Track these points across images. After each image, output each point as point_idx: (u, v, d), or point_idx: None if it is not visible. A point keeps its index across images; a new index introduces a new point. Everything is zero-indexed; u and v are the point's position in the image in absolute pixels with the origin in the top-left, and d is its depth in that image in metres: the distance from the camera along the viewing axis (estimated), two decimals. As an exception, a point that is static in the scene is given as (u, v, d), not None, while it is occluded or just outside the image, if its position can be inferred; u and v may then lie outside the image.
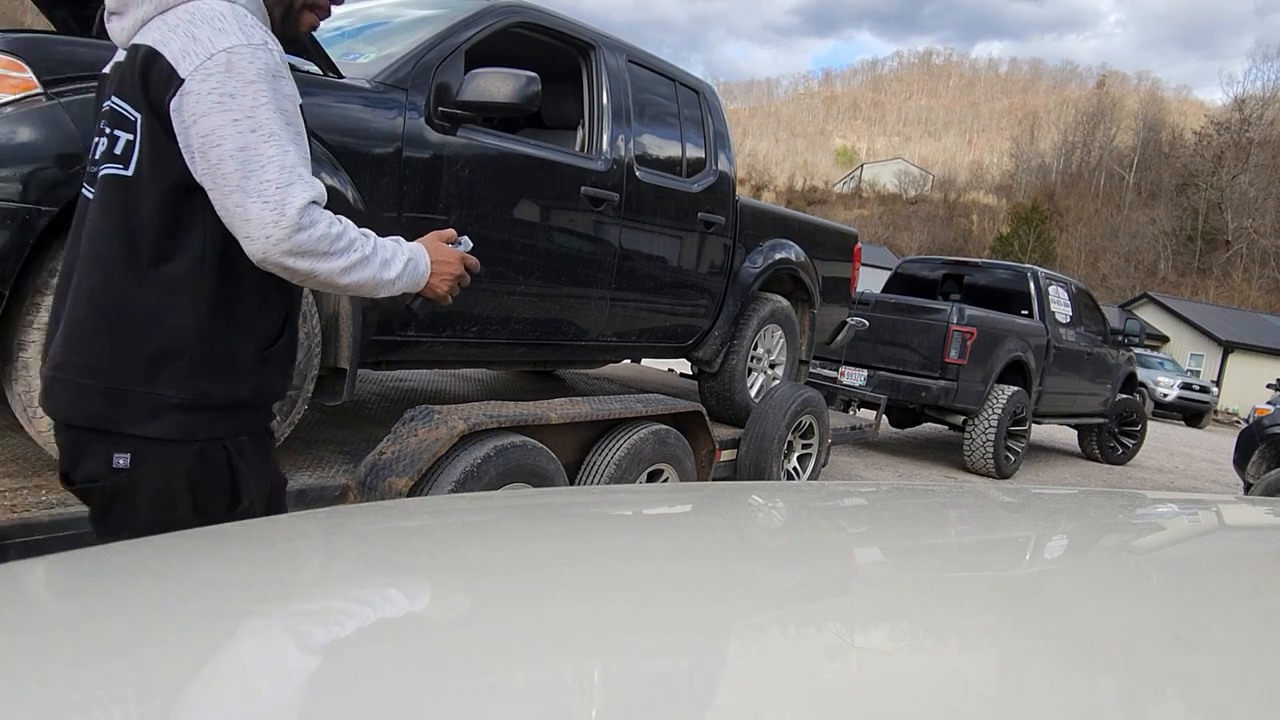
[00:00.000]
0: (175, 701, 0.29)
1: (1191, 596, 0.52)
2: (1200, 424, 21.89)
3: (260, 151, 1.22)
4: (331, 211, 1.33)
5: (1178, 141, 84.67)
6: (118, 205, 1.28)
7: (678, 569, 0.54)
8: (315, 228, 1.25)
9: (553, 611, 0.40)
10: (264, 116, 1.24)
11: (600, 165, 3.61)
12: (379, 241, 1.38)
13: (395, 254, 1.40)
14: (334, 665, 0.33)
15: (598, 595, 0.44)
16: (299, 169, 1.26)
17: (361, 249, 1.32)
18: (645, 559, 0.56)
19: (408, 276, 1.41)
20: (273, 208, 1.22)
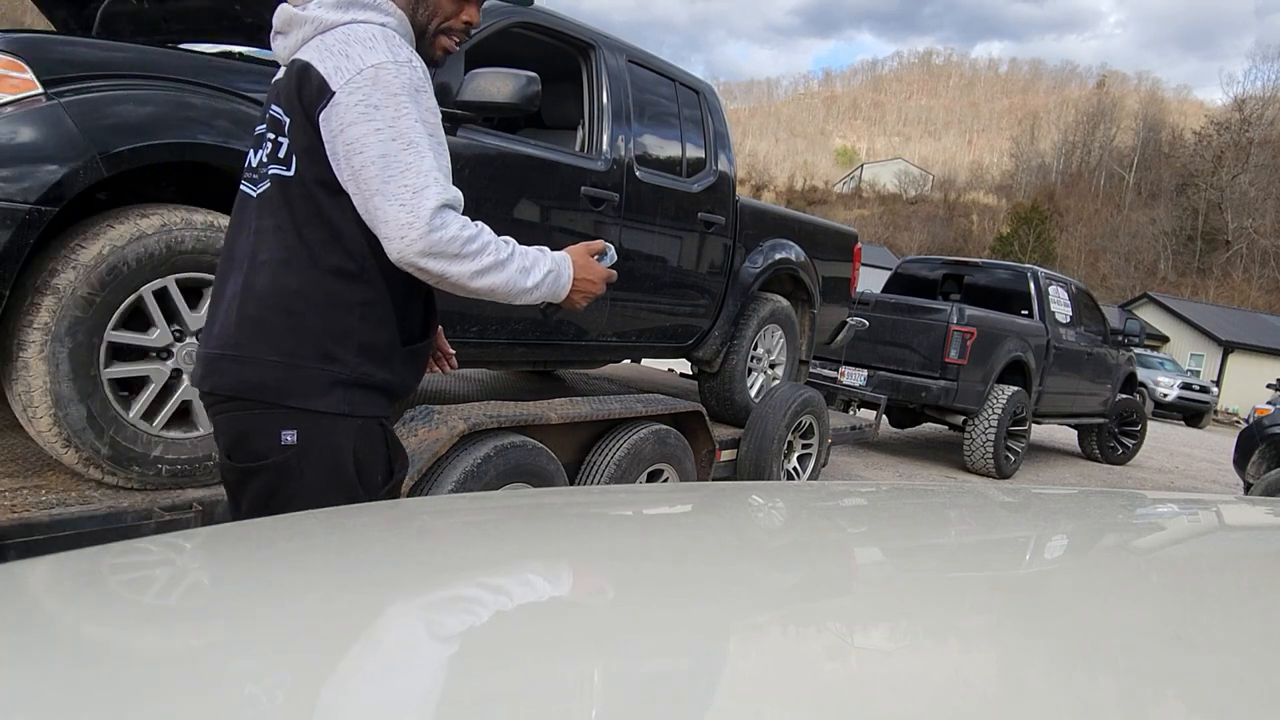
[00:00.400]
0: (174, 702, 0.29)
1: (1191, 596, 0.52)
2: (1200, 424, 21.89)
3: (399, 158, 1.31)
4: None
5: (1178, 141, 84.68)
6: (283, 205, 1.38)
7: (678, 569, 0.54)
8: (447, 229, 1.32)
9: (552, 611, 0.40)
10: (404, 126, 1.32)
11: (600, 165, 3.61)
12: (519, 249, 1.43)
13: (536, 263, 1.44)
14: (334, 665, 0.33)
15: (597, 595, 0.44)
16: (435, 174, 1.33)
17: (495, 254, 1.37)
18: (645, 559, 0.56)
19: (547, 287, 1.46)
20: (408, 210, 1.30)
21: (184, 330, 2.35)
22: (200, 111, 2.27)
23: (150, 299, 2.25)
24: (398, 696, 0.29)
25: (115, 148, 2.10)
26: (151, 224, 2.21)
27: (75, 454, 2.16)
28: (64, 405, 2.11)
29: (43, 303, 2.07)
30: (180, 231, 2.25)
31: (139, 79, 2.20)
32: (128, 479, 2.25)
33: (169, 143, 2.20)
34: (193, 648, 0.34)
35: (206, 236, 2.30)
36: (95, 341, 2.15)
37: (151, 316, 2.27)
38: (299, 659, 0.34)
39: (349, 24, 1.40)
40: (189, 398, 2.36)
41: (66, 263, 2.10)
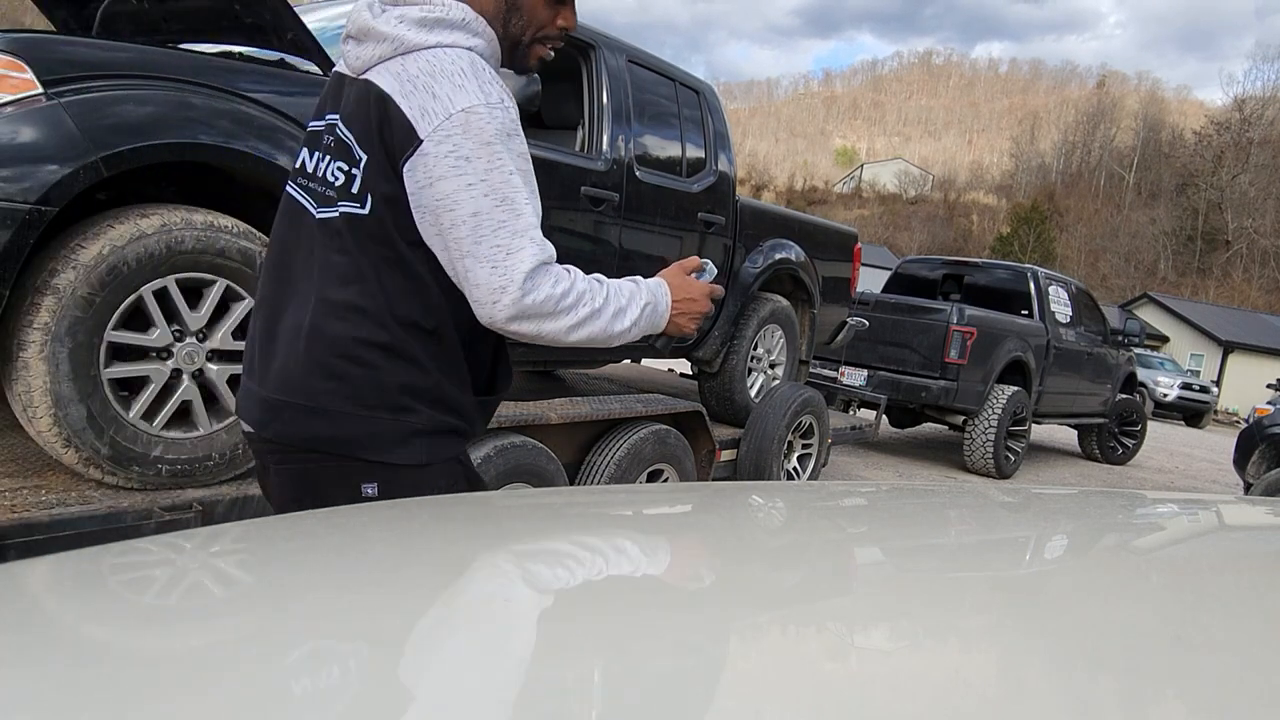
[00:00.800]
0: (175, 702, 0.29)
1: (1191, 596, 0.52)
2: (1200, 424, 21.89)
3: (492, 216, 1.21)
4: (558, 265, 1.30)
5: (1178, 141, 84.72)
6: (356, 245, 1.26)
7: (677, 569, 0.54)
8: (539, 290, 1.23)
9: (551, 611, 0.40)
10: (498, 180, 1.22)
11: (600, 165, 3.61)
12: (611, 288, 1.33)
13: (631, 301, 1.34)
14: (333, 666, 0.33)
15: (596, 595, 0.44)
16: (530, 233, 1.24)
17: (590, 303, 1.28)
18: (645, 559, 0.56)
19: (645, 322, 1.36)
20: (500, 273, 1.21)
21: (184, 330, 2.35)
22: (200, 111, 2.27)
23: (150, 299, 2.25)
24: (397, 696, 0.29)
25: (115, 148, 2.10)
26: (151, 224, 2.21)
27: (75, 454, 2.16)
28: (64, 405, 2.11)
29: (43, 303, 2.07)
30: (180, 231, 2.25)
31: (139, 79, 2.20)
32: (128, 479, 2.25)
33: (169, 143, 2.20)
34: (193, 648, 0.34)
35: (206, 236, 2.30)
36: (95, 341, 2.15)
37: (151, 316, 2.27)
38: (300, 659, 0.34)
39: (434, 48, 1.25)
40: (189, 398, 2.36)
41: (67, 263, 2.10)
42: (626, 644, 0.35)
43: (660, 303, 1.37)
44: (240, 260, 2.37)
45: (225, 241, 2.33)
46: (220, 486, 2.40)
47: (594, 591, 0.45)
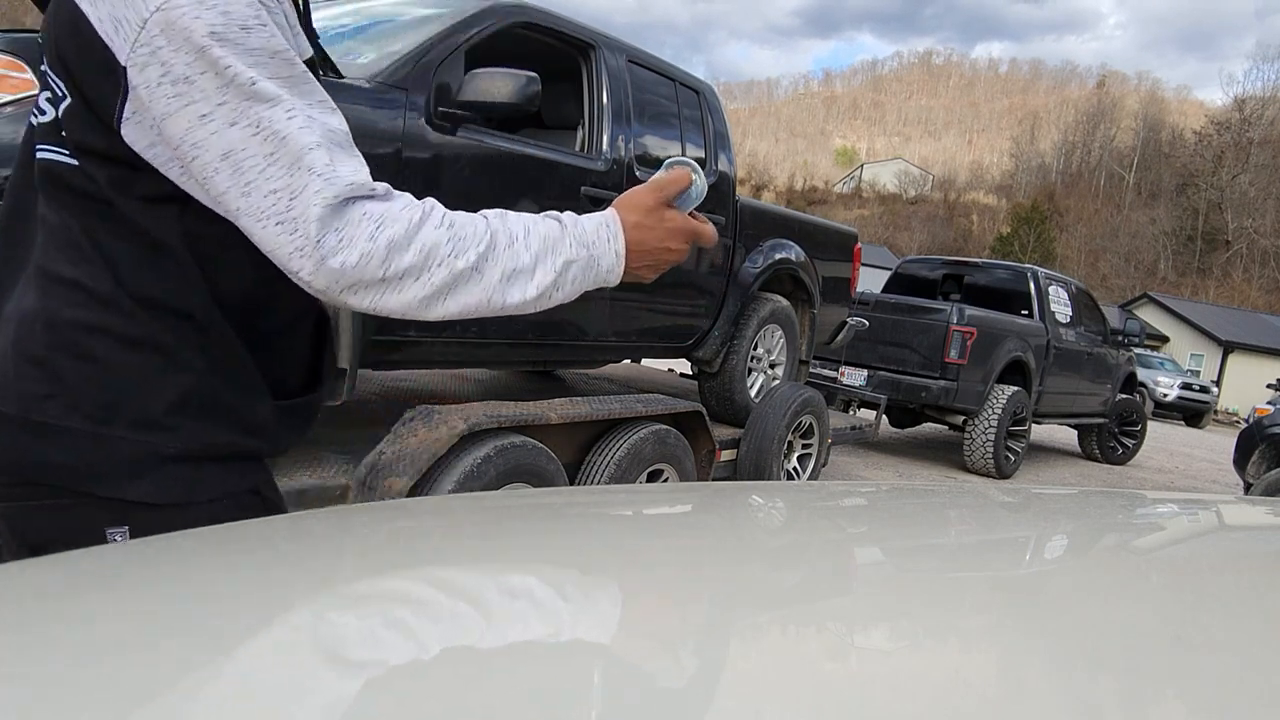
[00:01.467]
0: (173, 703, 0.29)
1: (1191, 596, 0.52)
2: (1200, 424, 21.90)
3: (249, 151, 0.82)
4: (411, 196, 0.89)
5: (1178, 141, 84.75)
6: (71, 206, 0.90)
7: (677, 569, 0.54)
8: (351, 245, 0.82)
9: (550, 611, 0.40)
10: (237, 98, 0.81)
11: (600, 165, 3.61)
12: (505, 235, 0.92)
13: (543, 256, 0.93)
14: (334, 666, 0.33)
15: (596, 595, 0.44)
16: (311, 157, 0.82)
17: (452, 261, 0.87)
18: (644, 559, 0.56)
19: (572, 286, 0.95)
20: (289, 228, 0.82)
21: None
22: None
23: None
24: (398, 696, 0.29)
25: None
26: (151, 224, 2.21)
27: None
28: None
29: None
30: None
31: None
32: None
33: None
34: (193, 648, 0.34)
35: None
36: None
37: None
38: (300, 659, 0.34)
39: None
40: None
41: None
42: (626, 644, 0.35)
43: (603, 257, 0.96)
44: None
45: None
46: (220, 486, 2.40)
47: (594, 591, 0.45)
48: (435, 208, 0.89)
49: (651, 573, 0.53)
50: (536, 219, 0.96)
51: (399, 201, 0.87)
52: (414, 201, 0.88)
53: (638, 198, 1.02)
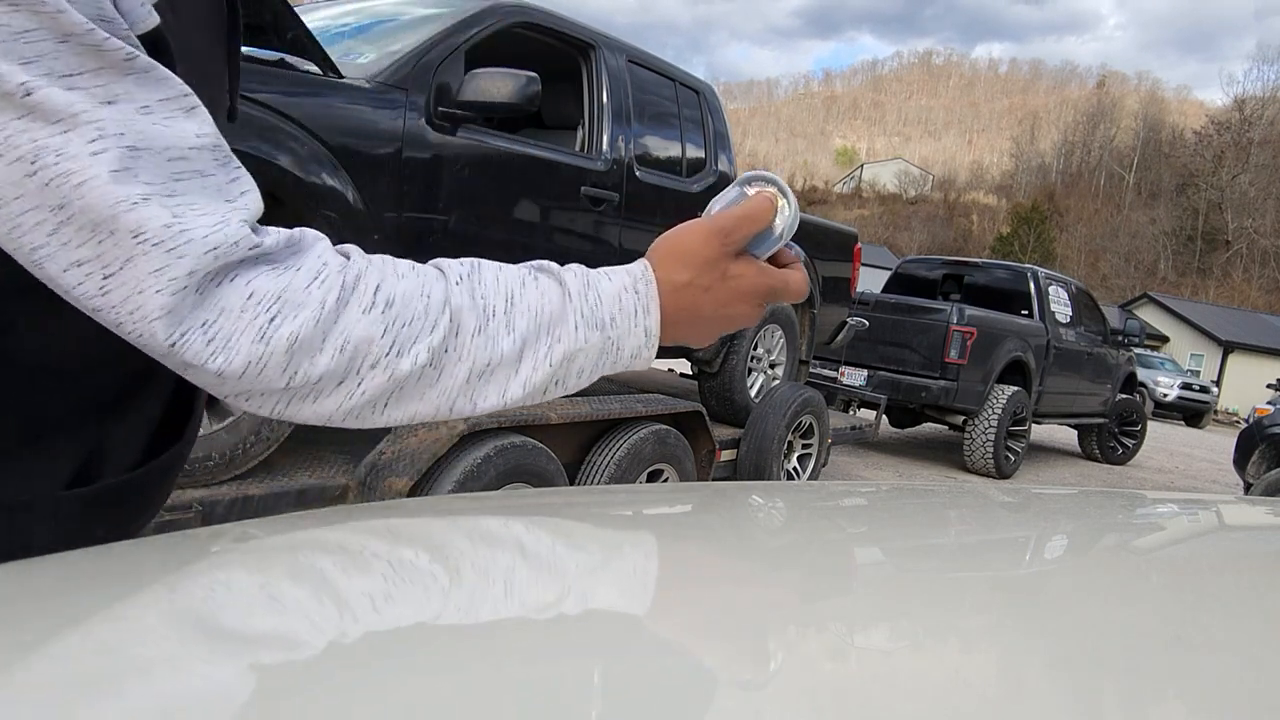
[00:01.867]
0: (175, 702, 0.29)
1: (1191, 596, 0.52)
2: (1200, 424, 21.91)
3: (24, 200, 0.48)
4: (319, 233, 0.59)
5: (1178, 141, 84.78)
6: None
7: (677, 569, 0.54)
8: (230, 346, 0.52)
9: (550, 611, 0.40)
10: (11, 120, 0.48)
11: (600, 165, 3.61)
12: (477, 305, 0.60)
13: (532, 338, 0.61)
14: (335, 668, 0.33)
15: (595, 595, 0.44)
16: (138, 211, 0.49)
17: (396, 357, 0.56)
18: (644, 559, 0.57)
19: (577, 379, 0.65)
20: (114, 317, 0.51)
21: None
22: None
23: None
24: (397, 697, 0.29)
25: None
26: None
27: (75, 454, 2.16)
28: (64, 405, 2.10)
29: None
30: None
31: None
32: (128, 479, 2.25)
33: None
34: (194, 648, 0.34)
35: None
36: (95, 341, 2.14)
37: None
38: (302, 659, 0.34)
39: None
40: (189, 398, 2.35)
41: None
42: (625, 644, 0.35)
43: (626, 339, 0.64)
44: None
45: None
46: (220, 486, 2.40)
47: (593, 591, 0.45)
48: (364, 277, 0.56)
49: (651, 573, 0.53)
50: (526, 278, 0.62)
51: (306, 266, 0.54)
52: (330, 263, 0.55)
53: (692, 244, 0.66)
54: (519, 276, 0.62)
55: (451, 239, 2.96)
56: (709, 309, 0.67)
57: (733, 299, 0.67)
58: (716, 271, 0.66)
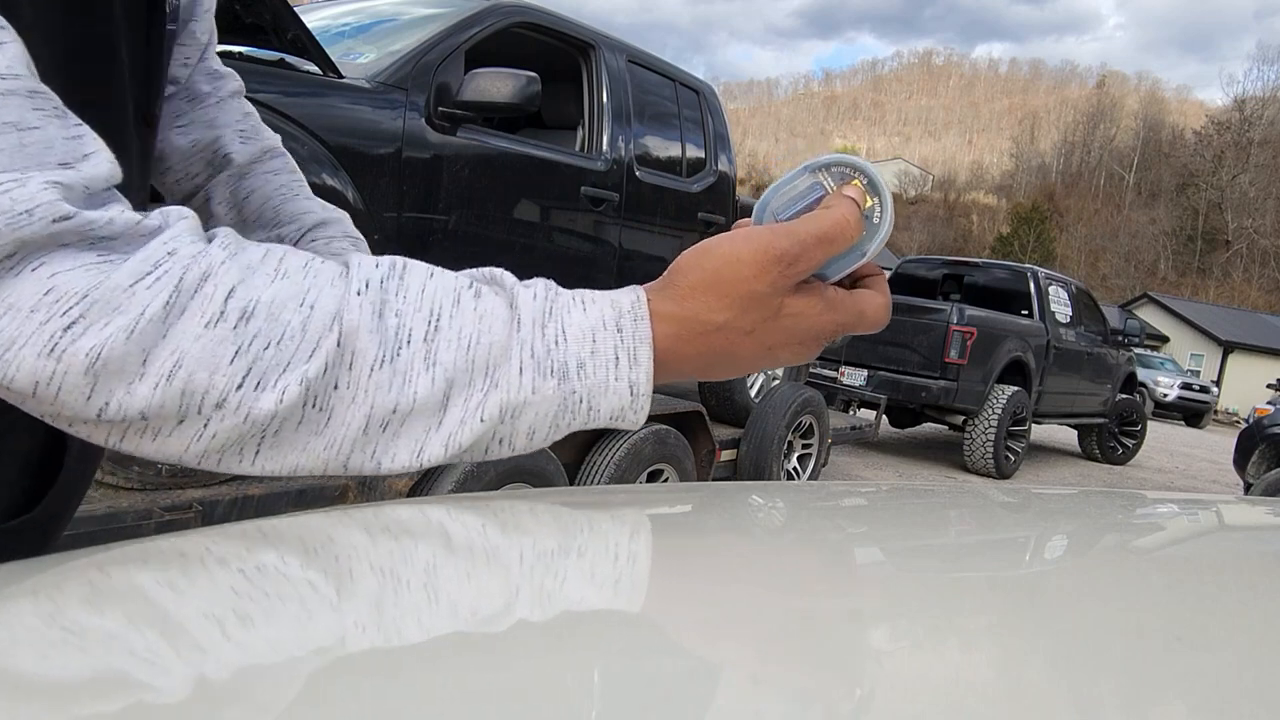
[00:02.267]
0: (175, 702, 0.29)
1: (1192, 596, 0.52)
2: (1200, 424, 21.92)
3: None
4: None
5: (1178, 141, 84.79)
6: None
7: (677, 569, 0.54)
8: (12, 352, 0.38)
9: (550, 611, 0.40)
10: None
11: (600, 165, 3.61)
12: (383, 324, 0.42)
13: (462, 379, 0.43)
14: (336, 667, 0.33)
15: (595, 595, 0.44)
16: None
17: (257, 390, 0.40)
18: (643, 559, 0.57)
19: (529, 439, 0.47)
20: None
21: (184, 330, 2.34)
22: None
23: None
24: (399, 697, 0.29)
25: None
26: (151, 224, 2.21)
27: (75, 454, 2.16)
28: (64, 405, 2.11)
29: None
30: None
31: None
32: (127, 479, 2.25)
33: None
34: (194, 648, 0.34)
35: (206, 236, 2.30)
36: (95, 341, 2.15)
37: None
38: (302, 659, 0.34)
39: None
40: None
41: (66, 263, 2.10)
42: (625, 644, 0.35)
43: (600, 395, 0.46)
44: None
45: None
46: (220, 486, 2.40)
47: (592, 591, 0.45)
48: (214, 275, 0.40)
49: (650, 573, 0.53)
50: (463, 292, 0.45)
51: (139, 257, 0.40)
52: (178, 253, 0.41)
53: (739, 274, 0.47)
54: (453, 289, 0.44)
55: (451, 239, 2.96)
56: (749, 353, 0.50)
57: (785, 341, 0.50)
58: (768, 310, 0.48)
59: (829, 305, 0.51)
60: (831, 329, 0.52)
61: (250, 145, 0.75)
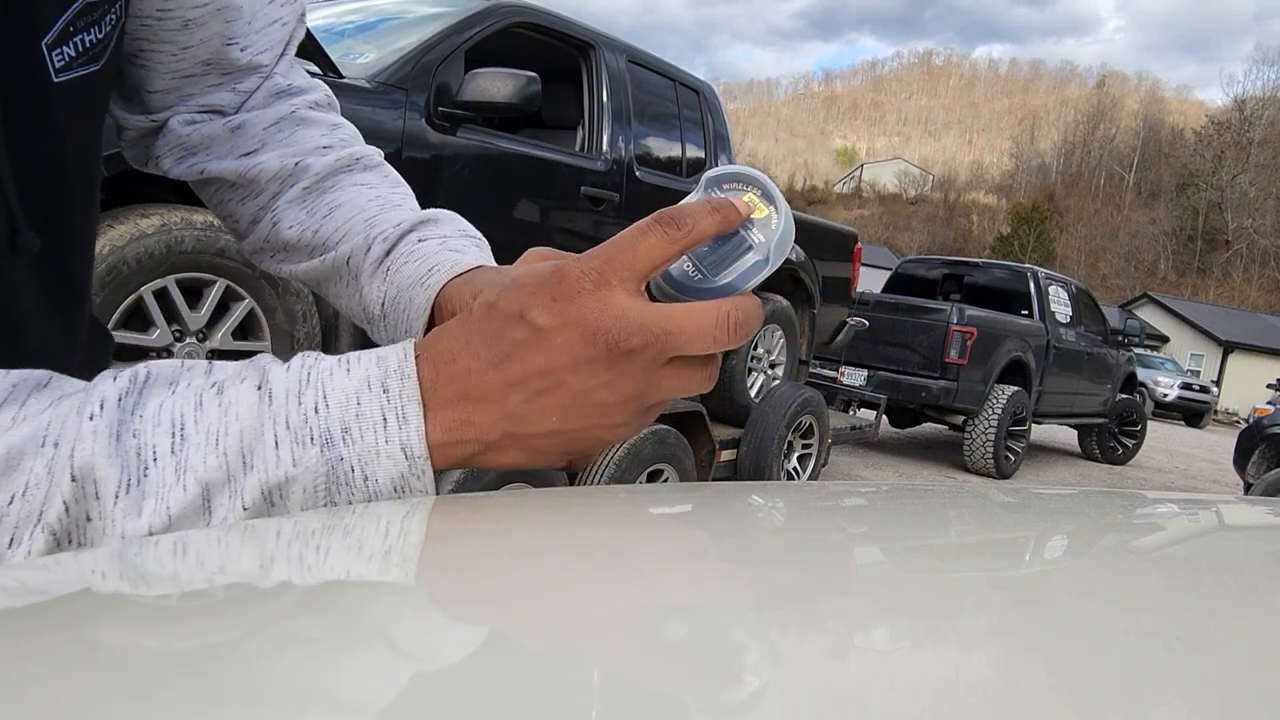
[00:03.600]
0: (176, 703, 0.29)
1: (1192, 596, 0.52)
2: (1200, 424, 21.93)
3: None
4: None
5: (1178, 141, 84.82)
6: None
7: (677, 569, 0.54)
8: None
9: (550, 611, 0.40)
10: None
11: (600, 165, 3.61)
12: (134, 451, 0.38)
13: (219, 483, 0.39)
14: (337, 668, 0.33)
15: (595, 595, 0.44)
16: None
17: (8, 550, 0.37)
18: (643, 559, 0.57)
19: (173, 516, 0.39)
20: None
21: (184, 330, 2.34)
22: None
23: (150, 299, 2.25)
24: (398, 697, 0.29)
25: (114, 147, 2.11)
26: (151, 224, 2.21)
27: (75, 454, 2.16)
28: (64, 405, 2.11)
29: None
30: (180, 232, 2.25)
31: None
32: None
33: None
34: (196, 648, 0.34)
35: (206, 237, 2.30)
36: (95, 341, 2.15)
37: (151, 317, 2.27)
38: (303, 658, 0.34)
39: None
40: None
41: (66, 263, 2.10)
42: (625, 644, 0.35)
43: (372, 462, 0.42)
44: (240, 260, 2.37)
45: (225, 242, 2.33)
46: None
47: (592, 591, 0.45)
48: None
49: (650, 573, 0.53)
50: (205, 393, 0.40)
51: None
52: None
53: (511, 306, 0.41)
54: (195, 395, 0.40)
55: (451, 239, 2.96)
56: (530, 413, 0.42)
57: (566, 378, 0.41)
58: (549, 348, 0.40)
59: (620, 318, 0.40)
60: (692, 379, 0.43)
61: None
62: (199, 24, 0.59)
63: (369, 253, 0.63)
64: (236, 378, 0.41)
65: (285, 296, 2.49)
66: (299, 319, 2.53)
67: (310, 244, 0.66)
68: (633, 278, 0.40)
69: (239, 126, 0.66)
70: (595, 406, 0.41)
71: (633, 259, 0.40)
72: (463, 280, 0.59)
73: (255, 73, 0.66)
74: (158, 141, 0.66)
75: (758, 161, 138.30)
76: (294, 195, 0.66)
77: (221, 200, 0.68)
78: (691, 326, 0.40)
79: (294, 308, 2.51)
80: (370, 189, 0.68)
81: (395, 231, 0.63)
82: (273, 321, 2.48)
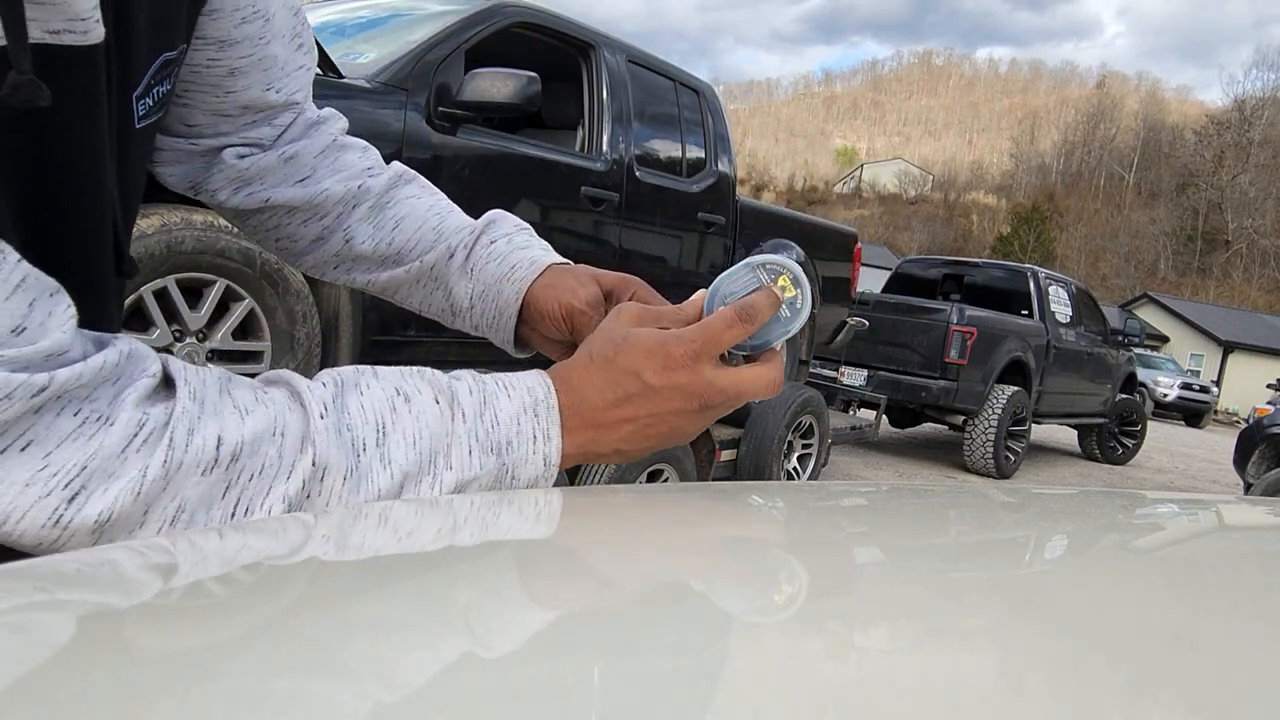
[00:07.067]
0: (177, 703, 0.29)
1: (1192, 597, 0.52)
2: (1200, 424, 21.93)
3: None
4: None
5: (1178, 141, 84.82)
6: None
7: (677, 569, 0.54)
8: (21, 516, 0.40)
9: (550, 611, 0.40)
10: None
11: (600, 165, 3.61)
12: (350, 442, 0.50)
13: (412, 474, 0.52)
14: (338, 668, 0.33)
15: (596, 595, 0.45)
16: None
17: (245, 517, 0.46)
18: (643, 559, 0.57)
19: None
20: None
21: (184, 330, 2.34)
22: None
23: (150, 299, 2.25)
24: (399, 698, 0.29)
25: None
26: (151, 224, 2.21)
27: (75, 454, 2.16)
28: (64, 405, 2.11)
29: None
30: (180, 232, 2.25)
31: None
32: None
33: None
34: (197, 648, 0.34)
35: (206, 237, 2.30)
36: (95, 341, 2.15)
37: (151, 317, 2.27)
38: (303, 659, 0.34)
39: None
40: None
41: (66, 263, 2.10)
42: (625, 644, 0.36)
43: (521, 467, 0.56)
44: (240, 260, 2.37)
45: (225, 242, 2.33)
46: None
47: (591, 591, 0.46)
48: (199, 430, 0.44)
49: (650, 572, 0.53)
50: (396, 401, 0.51)
51: (121, 420, 0.41)
52: (151, 414, 0.42)
53: (629, 362, 0.56)
54: (387, 399, 0.51)
55: (451, 239, 2.96)
56: (636, 438, 0.60)
57: (684, 411, 0.59)
58: (657, 401, 0.57)
59: (736, 379, 0.59)
60: (736, 394, 0.60)
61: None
62: (243, 72, 0.67)
63: (451, 259, 0.78)
64: (415, 390, 0.52)
65: (285, 297, 2.49)
66: (299, 319, 2.53)
67: (384, 255, 0.78)
68: (717, 354, 0.58)
69: (292, 157, 0.74)
70: (679, 433, 0.60)
71: (719, 344, 0.57)
72: (543, 285, 0.73)
73: (288, 110, 0.73)
74: (212, 176, 0.73)
75: (758, 161, 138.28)
76: (362, 214, 0.77)
77: (279, 224, 0.76)
78: (750, 388, 0.59)
79: (294, 308, 2.51)
80: (419, 200, 0.81)
81: (469, 238, 0.79)
82: (273, 322, 2.49)
